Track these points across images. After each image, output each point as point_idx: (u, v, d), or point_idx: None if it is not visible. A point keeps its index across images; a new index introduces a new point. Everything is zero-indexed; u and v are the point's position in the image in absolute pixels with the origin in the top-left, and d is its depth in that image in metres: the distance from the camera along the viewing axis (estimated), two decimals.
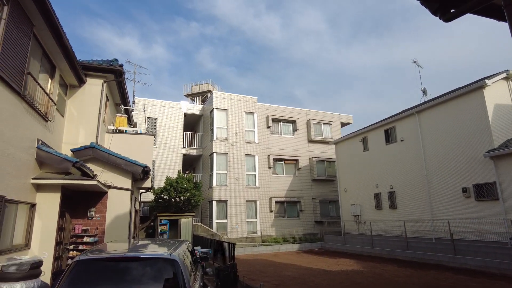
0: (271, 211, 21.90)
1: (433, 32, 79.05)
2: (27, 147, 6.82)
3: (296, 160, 23.71)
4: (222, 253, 12.04)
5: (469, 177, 12.93)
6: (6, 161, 5.94)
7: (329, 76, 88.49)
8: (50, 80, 8.15)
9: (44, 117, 7.58)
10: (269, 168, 22.63)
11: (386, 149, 17.61)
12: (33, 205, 7.28)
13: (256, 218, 20.60)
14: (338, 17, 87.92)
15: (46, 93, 7.62)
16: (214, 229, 18.84)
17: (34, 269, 5.59)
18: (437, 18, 2.71)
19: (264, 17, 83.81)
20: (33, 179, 7.14)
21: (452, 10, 2.63)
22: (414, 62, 20.06)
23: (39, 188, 7.44)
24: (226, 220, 19.65)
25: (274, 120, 23.77)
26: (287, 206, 22.75)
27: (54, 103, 8.14)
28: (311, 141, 24.51)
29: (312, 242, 20.50)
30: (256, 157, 21.60)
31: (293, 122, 24.47)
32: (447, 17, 2.66)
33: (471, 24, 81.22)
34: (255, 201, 20.82)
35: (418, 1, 2.68)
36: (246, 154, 21.30)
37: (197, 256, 6.57)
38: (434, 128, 14.80)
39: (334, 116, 26.24)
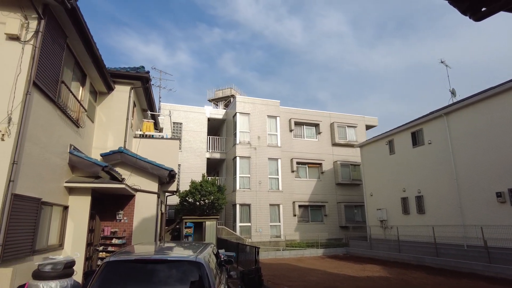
0: (294, 215, 21.74)
1: (462, 30, 76.18)
2: (60, 152, 7.16)
3: (320, 164, 23.45)
4: (246, 257, 12.06)
5: (504, 181, 12.29)
6: (42, 166, 6.26)
7: (353, 79, 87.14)
8: (81, 88, 8.53)
9: (76, 123, 7.93)
10: (292, 171, 22.51)
11: (413, 152, 17.08)
12: (66, 208, 7.61)
13: (279, 222, 20.53)
14: (361, 18, 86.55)
15: (77, 100, 7.98)
16: (237, 233, 18.93)
17: (67, 268, 5.83)
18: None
19: (285, 21, 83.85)
20: (66, 182, 7.47)
21: (483, 9, 2.54)
22: (442, 62, 19.35)
23: (71, 191, 7.77)
24: (249, 224, 19.70)
25: (296, 124, 23.66)
26: (310, 211, 22.51)
27: (85, 109, 8.50)
28: (335, 144, 24.17)
29: (337, 247, 20.15)
30: (279, 160, 21.56)
31: (316, 125, 24.25)
32: (478, 16, 2.57)
33: (502, 21, 77.55)
34: (278, 205, 20.76)
35: (446, 1, 2.60)
36: (269, 158, 21.31)
37: (222, 259, 6.64)
38: (464, 130, 14.21)
39: (358, 119, 25.77)
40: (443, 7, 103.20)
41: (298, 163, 22.87)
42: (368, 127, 26.44)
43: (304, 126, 24.07)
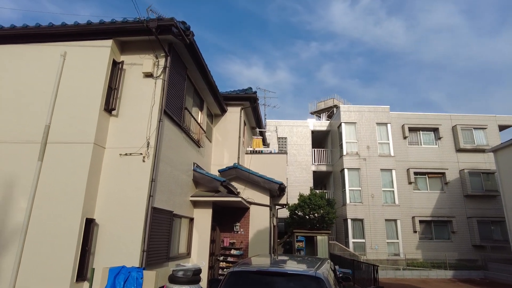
0: (415, 231, 19.56)
1: None
2: (186, 170, 8.10)
3: (442, 173, 20.69)
4: (362, 275, 11.37)
5: None
6: (172, 182, 7.19)
7: (471, 74, 75.43)
8: (200, 112, 9.57)
9: (197, 143, 8.89)
10: (409, 183, 20.43)
11: None
12: (191, 219, 8.52)
13: (397, 239, 18.75)
14: (477, 4, 74.93)
15: (198, 123, 8.98)
16: (351, 249, 18.02)
17: (195, 275, 6.41)
18: None
19: (385, 23, 78.74)
20: (191, 196, 8.39)
21: None
22: None
23: (195, 204, 8.68)
24: (363, 240, 18.56)
25: (411, 129, 21.52)
26: (434, 227, 19.91)
27: (204, 131, 9.49)
28: (459, 150, 21.03)
29: (470, 270, 17.22)
30: (393, 171, 19.88)
31: (435, 130, 21.60)
32: None
33: None
34: (395, 220, 19.03)
35: None
36: (381, 169, 19.87)
37: (338, 275, 6.38)
38: None
39: (488, 119, 21.91)
40: None
41: (415, 173, 20.66)
42: (502, 128, 22.21)
43: (421, 132, 21.70)
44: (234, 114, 11.20)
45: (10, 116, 6.44)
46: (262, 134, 14.95)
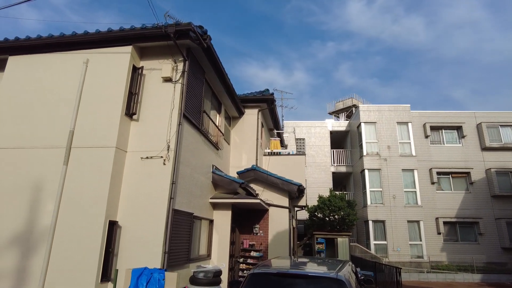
0: (439, 233, 18.98)
1: None
2: (205, 172, 8.19)
3: (467, 173, 20.00)
4: (384, 277, 11.14)
5: None
6: (193, 185, 7.28)
7: (498, 70, 72.62)
8: (217, 115, 9.66)
9: (216, 146, 8.97)
10: (432, 183, 19.86)
11: None
12: (211, 221, 8.59)
13: (420, 240, 18.24)
14: None
15: (216, 126, 9.06)
16: (372, 251, 17.68)
17: (216, 277, 6.46)
18: None
19: (404, 21, 77.06)
20: (211, 198, 8.47)
21: None
22: None
23: (215, 206, 8.74)
24: (385, 242, 18.17)
25: (433, 128, 20.93)
26: (459, 228, 19.26)
27: (222, 133, 9.56)
28: (485, 148, 20.27)
29: (500, 274, 16.51)
30: (415, 171, 19.38)
31: (458, 128, 20.91)
32: None
33: None
34: (417, 221, 18.53)
35: None
36: (402, 169, 19.41)
37: (360, 278, 6.27)
38: None
39: None
40: None
41: (438, 173, 20.06)
42: None
43: (443, 130, 21.08)
44: (251, 116, 11.23)
45: (37, 122, 6.70)
46: (279, 135, 14.92)
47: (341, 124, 24.29)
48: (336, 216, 16.17)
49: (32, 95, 6.94)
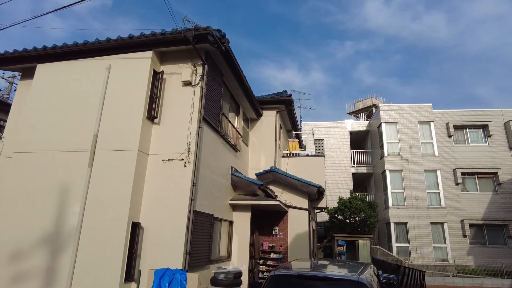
0: (464, 236, 18.34)
1: None
2: (225, 174, 8.26)
3: (494, 173, 19.25)
4: (406, 281, 10.87)
5: None
6: (213, 186, 7.36)
7: None
8: (236, 117, 9.73)
9: (234, 148, 9.03)
10: (457, 184, 19.23)
11: None
12: (231, 223, 8.64)
13: (445, 243, 17.70)
14: None
15: (235, 128, 9.12)
16: (394, 253, 17.29)
17: (236, 278, 6.49)
18: None
19: (424, 18, 75.08)
20: (230, 200, 8.53)
21: None
22: None
23: (234, 208, 8.80)
24: (407, 244, 17.75)
25: (456, 127, 20.29)
26: (487, 231, 18.55)
27: (240, 135, 9.62)
28: None
29: None
30: (438, 172, 18.84)
31: (484, 127, 20.18)
32: None
33: None
34: (441, 223, 18.00)
35: None
36: (425, 170, 18.91)
37: (382, 281, 6.15)
38: None
39: None
40: None
41: (463, 173, 19.41)
42: None
43: (467, 129, 20.38)
44: (269, 118, 11.24)
45: (63, 127, 6.95)
46: (298, 136, 14.85)
47: (361, 124, 23.93)
48: (357, 218, 15.92)
49: (58, 100, 7.21)
